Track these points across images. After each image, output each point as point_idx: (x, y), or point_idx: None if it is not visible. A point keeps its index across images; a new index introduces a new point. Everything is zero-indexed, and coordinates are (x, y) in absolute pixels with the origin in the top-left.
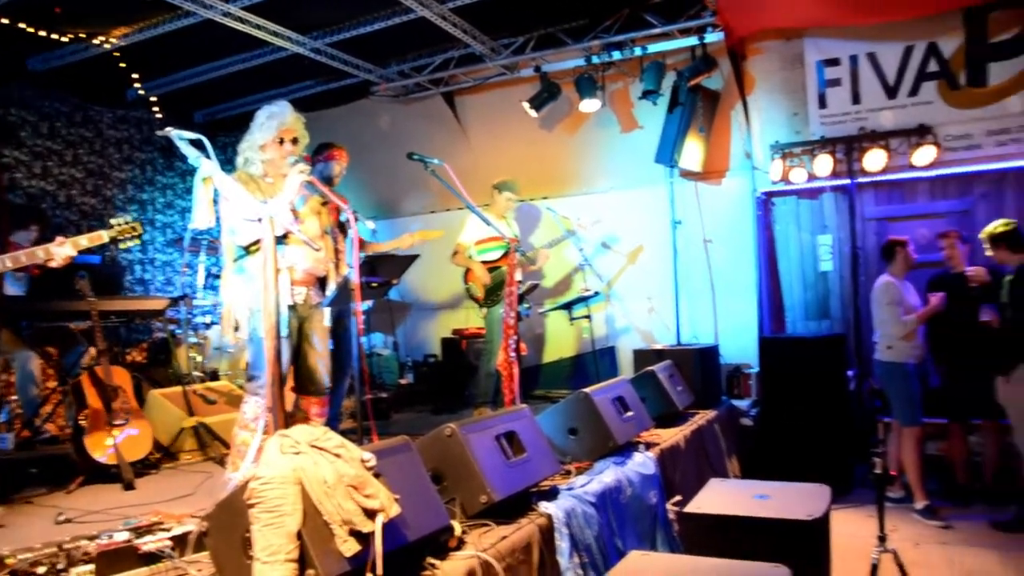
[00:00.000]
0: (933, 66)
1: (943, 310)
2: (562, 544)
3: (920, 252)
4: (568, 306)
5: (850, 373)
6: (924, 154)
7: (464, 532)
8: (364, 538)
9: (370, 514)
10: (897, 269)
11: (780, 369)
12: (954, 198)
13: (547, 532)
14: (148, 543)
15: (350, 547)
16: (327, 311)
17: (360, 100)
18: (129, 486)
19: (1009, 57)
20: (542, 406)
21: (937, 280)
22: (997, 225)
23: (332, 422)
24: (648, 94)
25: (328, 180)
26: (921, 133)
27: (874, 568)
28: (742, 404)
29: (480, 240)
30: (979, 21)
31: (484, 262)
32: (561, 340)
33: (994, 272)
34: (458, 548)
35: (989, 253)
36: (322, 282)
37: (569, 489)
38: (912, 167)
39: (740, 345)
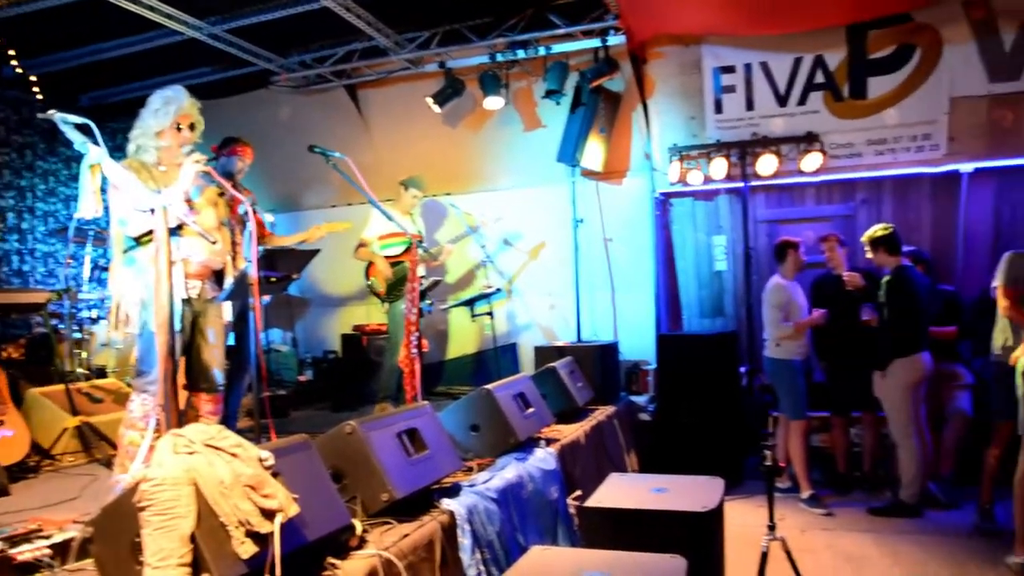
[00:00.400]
0: (820, 78)
1: (824, 322)
2: (464, 541)
3: (809, 254)
4: (470, 303)
5: (742, 369)
6: (811, 160)
7: (365, 531)
8: (262, 539)
9: (268, 515)
10: (787, 270)
11: (676, 365)
12: (838, 203)
13: (449, 529)
14: (24, 552)
15: (247, 549)
16: (228, 306)
17: (259, 90)
18: (3, 491)
19: (886, 73)
20: (444, 403)
21: (822, 281)
22: (877, 229)
23: (230, 420)
24: (551, 94)
25: (229, 175)
26: (809, 140)
27: (764, 556)
28: (640, 400)
29: (383, 235)
30: (860, 38)
31: (387, 257)
32: (463, 337)
33: (870, 276)
34: (359, 547)
35: (869, 255)
36: (218, 276)
37: (471, 486)
38: (801, 172)
39: (639, 342)
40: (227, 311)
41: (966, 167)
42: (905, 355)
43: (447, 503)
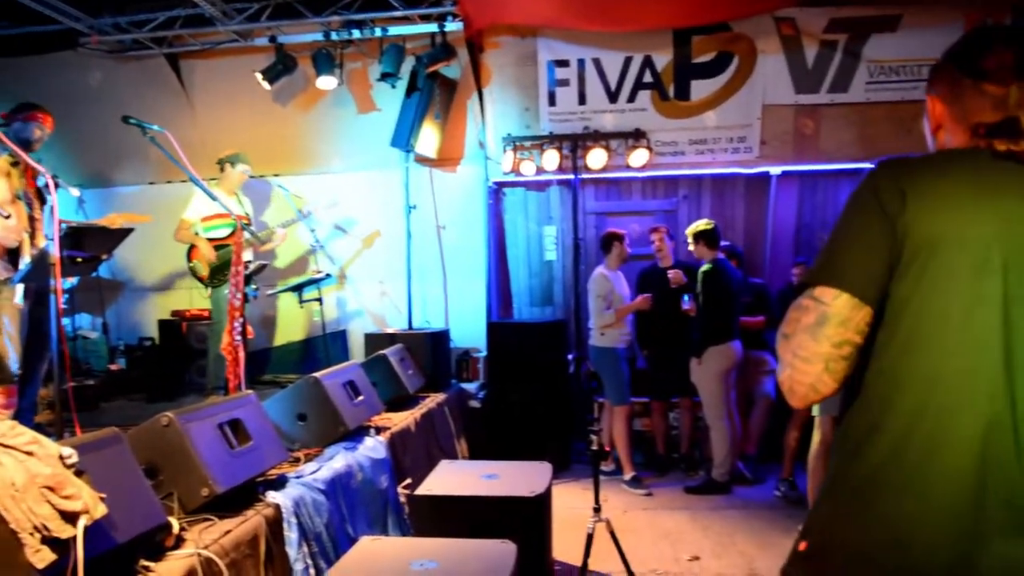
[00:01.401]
0: (648, 77)
1: (647, 306)
2: (291, 534)
3: (633, 246)
4: (298, 288)
5: (570, 357)
6: (639, 156)
7: (183, 529)
8: (62, 545)
9: (70, 518)
10: (612, 261)
11: (506, 353)
12: (662, 198)
13: (275, 523)
14: None
15: (43, 557)
16: (19, 287)
17: (66, 51)
18: None
19: (708, 77)
20: (271, 391)
21: (647, 273)
22: (700, 224)
23: (25, 414)
24: (386, 76)
25: (25, 144)
26: (637, 137)
27: (590, 537)
28: (471, 387)
29: (207, 216)
30: (685, 42)
31: (210, 240)
32: (291, 323)
33: (689, 270)
34: (176, 547)
35: (691, 248)
36: (13, 254)
37: (298, 477)
38: (628, 167)
39: (470, 329)
40: (18, 293)
41: (775, 169)
42: (719, 343)
43: (272, 496)
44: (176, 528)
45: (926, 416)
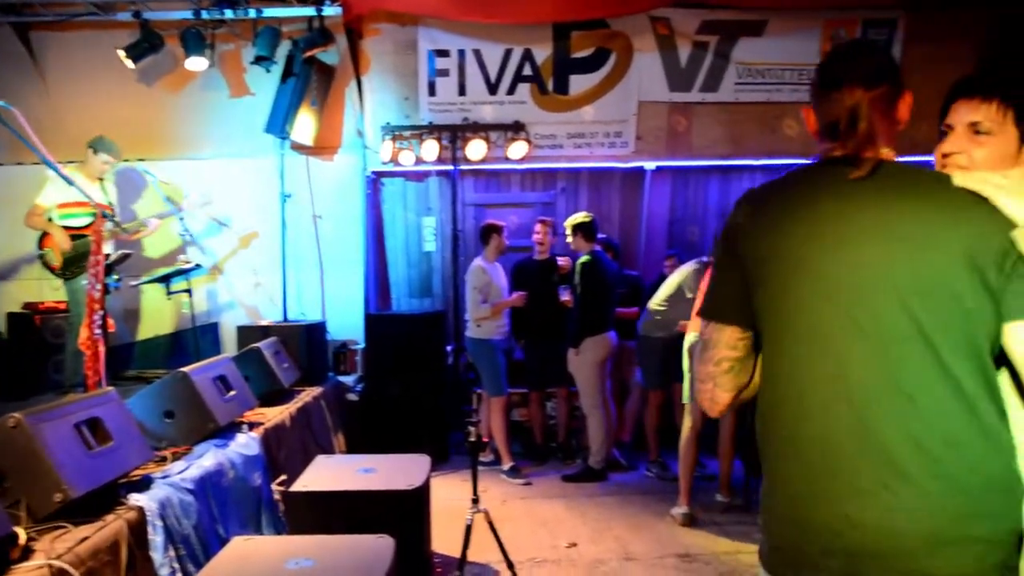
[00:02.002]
0: (528, 70)
1: (522, 303)
2: (156, 538)
3: (511, 238)
4: (166, 279)
5: (449, 348)
6: (518, 148)
7: (32, 539)
8: None
9: None
10: (490, 253)
11: (385, 345)
12: (541, 190)
13: (138, 527)
14: None
15: None
16: None
17: None
18: None
19: (586, 72)
20: (135, 388)
21: (522, 265)
22: (578, 216)
23: None
24: (261, 60)
25: None
26: (516, 129)
27: (468, 528)
28: (348, 380)
29: (64, 203)
30: (565, 37)
31: (67, 229)
32: (158, 316)
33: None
34: (24, 559)
35: (569, 240)
36: None
37: (164, 477)
38: (508, 159)
39: (347, 321)
40: None
41: (649, 164)
42: (595, 334)
43: (135, 498)
44: (23, 538)
45: (789, 397)
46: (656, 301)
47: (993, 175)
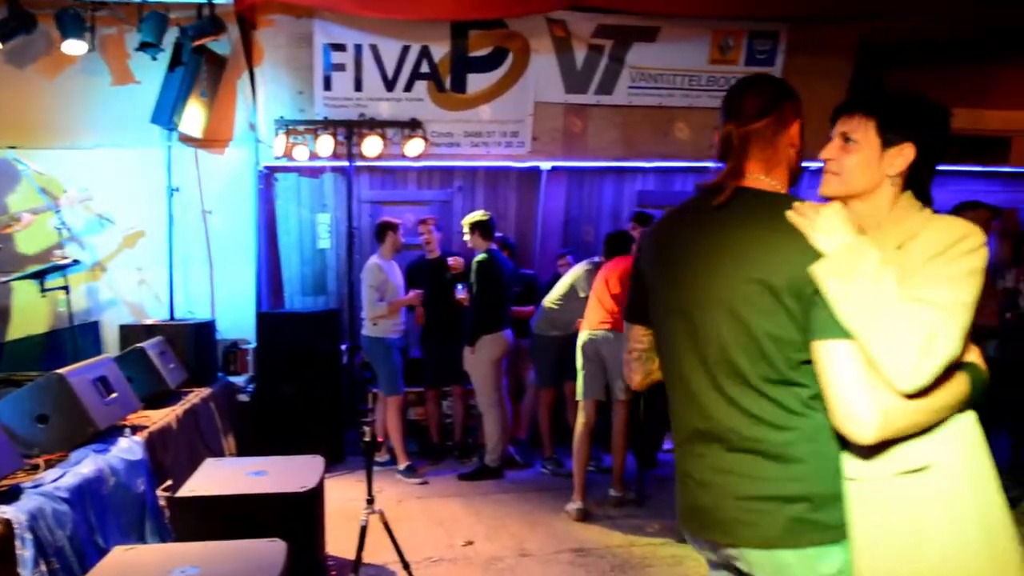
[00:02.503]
0: (425, 68)
1: (419, 302)
2: (25, 552)
3: (408, 235)
4: (40, 275)
5: (343, 347)
6: (414, 146)
7: None
8: None
9: None
10: (386, 250)
11: (277, 344)
12: (437, 188)
13: (5, 541)
14: None
15: None
16: None
17: None
18: None
19: (483, 71)
20: (4, 391)
21: (416, 265)
22: (475, 215)
23: None
24: (146, 47)
25: None
26: (413, 126)
27: (363, 529)
28: (239, 380)
29: None
30: (462, 35)
31: None
32: (31, 315)
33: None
34: None
35: (466, 238)
36: None
37: (36, 486)
38: (404, 156)
39: (238, 320)
40: None
41: (545, 165)
42: (491, 332)
43: (2, 510)
44: None
45: (669, 386)
46: (550, 300)
47: (823, 210)
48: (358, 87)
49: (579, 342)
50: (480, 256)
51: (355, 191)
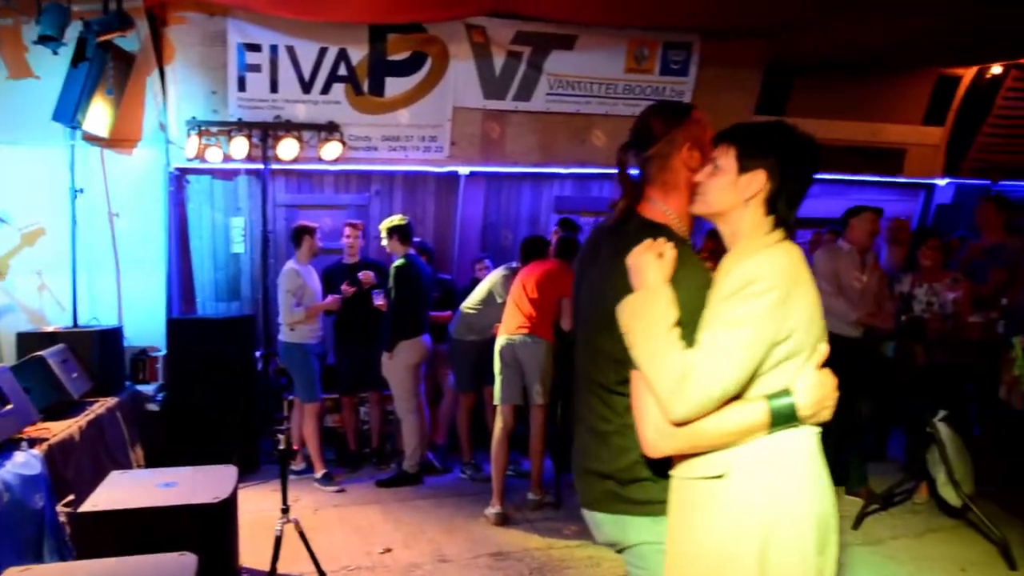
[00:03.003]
0: (343, 70)
1: (337, 307)
2: None
3: (324, 240)
4: None
5: (258, 353)
6: (331, 149)
7: None
8: None
9: None
10: (303, 255)
11: (189, 351)
12: (355, 192)
13: None
14: None
15: None
16: None
17: None
18: None
19: (402, 75)
20: None
21: (333, 270)
22: (394, 219)
23: None
24: (46, 40)
25: None
26: (330, 130)
27: (278, 539)
28: (148, 389)
29: None
30: (381, 39)
31: None
32: None
33: (378, 266)
34: None
35: (385, 243)
36: None
37: None
38: (321, 160)
39: (147, 326)
40: None
41: (464, 169)
42: (409, 337)
43: None
44: None
45: None
46: (469, 305)
47: (641, 254)
48: (274, 88)
49: (497, 346)
50: (398, 261)
51: (270, 194)
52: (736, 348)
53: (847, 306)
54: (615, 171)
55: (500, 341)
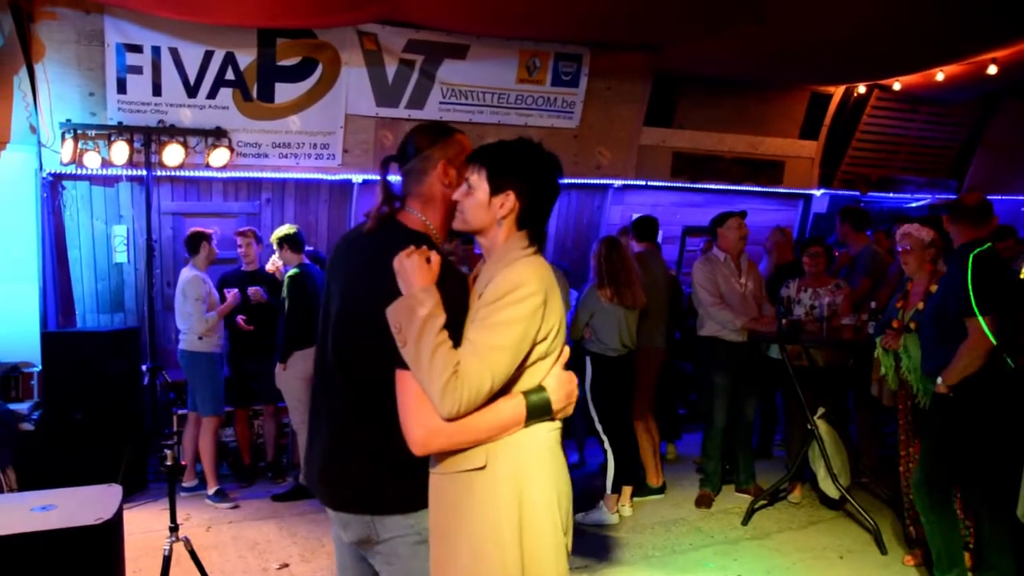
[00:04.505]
0: (230, 74)
1: (238, 303)
2: None
3: (218, 247)
4: None
5: (145, 367)
6: (219, 156)
7: None
8: None
9: None
10: (200, 261)
11: (68, 366)
12: (245, 200)
13: None
14: None
15: None
16: None
17: None
18: None
19: (293, 81)
20: None
21: (230, 276)
22: (284, 229)
23: None
24: None
25: None
26: (218, 135)
27: (167, 558)
28: (22, 407)
29: None
30: (270, 43)
31: None
32: None
33: (267, 277)
34: None
35: (276, 253)
36: None
37: None
38: (209, 166)
39: (18, 341)
40: None
41: (357, 177)
42: (303, 348)
43: None
44: None
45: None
46: None
47: (407, 261)
48: (157, 92)
49: None
50: (292, 271)
51: (155, 202)
52: (502, 348)
53: (731, 314)
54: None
55: None
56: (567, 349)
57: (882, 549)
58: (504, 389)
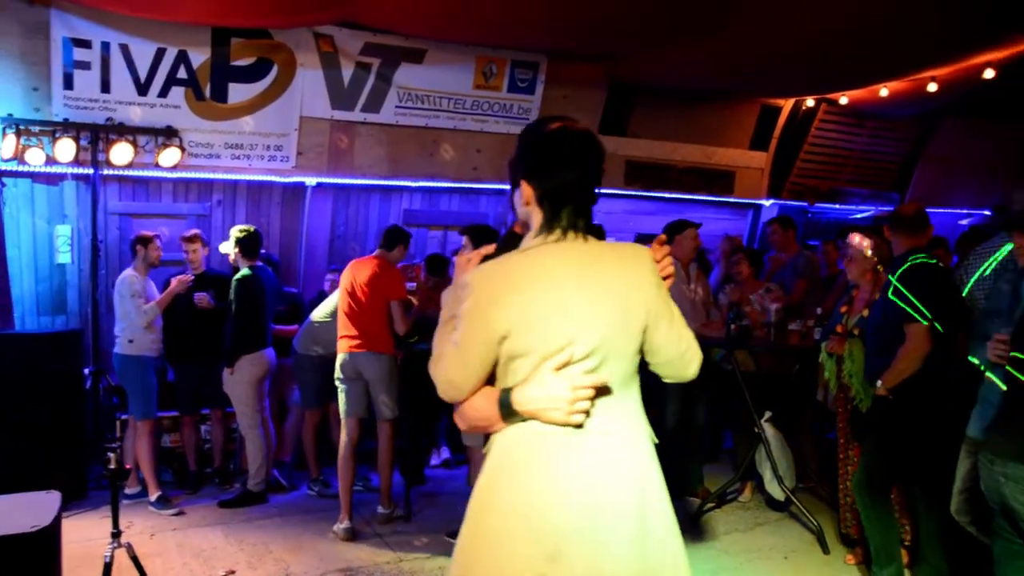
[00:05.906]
0: (183, 73)
1: (184, 288)
2: None
3: (164, 251)
4: None
5: (87, 370)
6: (170, 156)
7: None
8: None
9: None
10: (139, 266)
11: (4, 369)
12: (195, 201)
13: None
14: None
15: None
16: None
17: None
18: None
19: (247, 81)
20: None
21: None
22: (239, 230)
23: None
24: None
25: None
26: (168, 135)
27: (108, 567)
28: None
29: None
30: (224, 42)
31: None
32: None
33: (222, 278)
34: None
35: (231, 254)
36: None
37: None
38: (158, 166)
39: None
40: None
41: (311, 180)
42: (251, 351)
43: None
44: None
45: None
46: (320, 315)
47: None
48: (105, 88)
49: (337, 362)
50: (241, 273)
51: (101, 201)
52: (461, 342)
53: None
54: (465, 185)
55: (340, 358)
56: (574, 355)
57: (825, 549)
58: (493, 383)
